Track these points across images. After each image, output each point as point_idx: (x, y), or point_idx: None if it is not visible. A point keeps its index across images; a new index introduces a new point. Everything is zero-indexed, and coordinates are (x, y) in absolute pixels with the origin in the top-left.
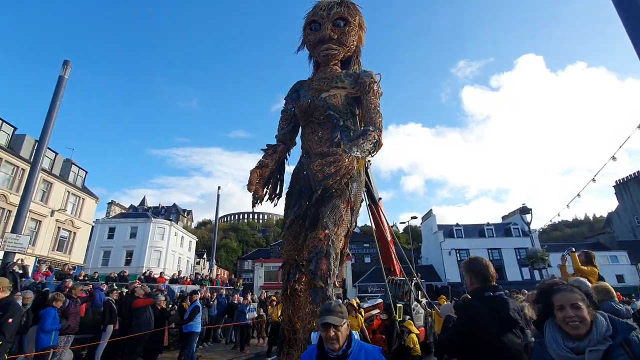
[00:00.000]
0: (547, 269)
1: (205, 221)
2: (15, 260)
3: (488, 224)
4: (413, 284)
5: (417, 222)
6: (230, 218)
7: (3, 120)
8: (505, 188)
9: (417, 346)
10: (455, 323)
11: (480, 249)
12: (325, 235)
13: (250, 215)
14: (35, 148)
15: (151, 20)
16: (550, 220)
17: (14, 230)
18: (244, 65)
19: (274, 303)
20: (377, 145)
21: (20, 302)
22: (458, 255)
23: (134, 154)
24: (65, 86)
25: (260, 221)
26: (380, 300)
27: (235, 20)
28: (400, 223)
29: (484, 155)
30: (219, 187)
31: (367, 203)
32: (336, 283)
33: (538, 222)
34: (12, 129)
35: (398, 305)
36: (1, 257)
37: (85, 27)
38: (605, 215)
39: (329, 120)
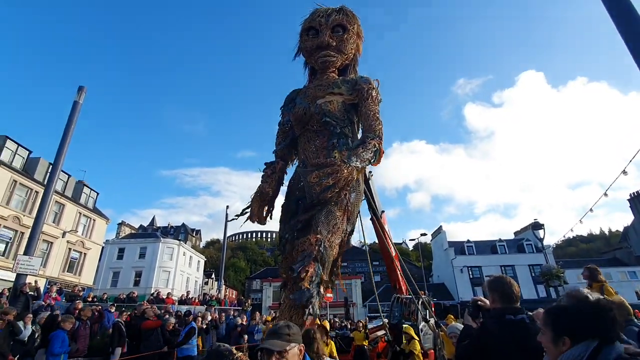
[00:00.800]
0: (563, 286)
1: (214, 240)
2: (28, 282)
3: (500, 240)
4: (420, 302)
5: (426, 239)
6: (238, 237)
7: (18, 144)
8: (514, 203)
9: (420, 354)
10: (473, 340)
11: (493, 265)
12: (317, 240)
13: (258, 234)
14: (49, 171)
15: (159, 48)
16: (564, 236)
17: (26, 252)
18: (249, 88)
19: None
20: (378, 153)
21: (30, 323)
22: (470, 272)
23: (143, 175)
24: (80, 110)
25: (269, 239)
26: (385, 321)
27: (241, 47)
28: (410, 240)
29: (490, 171)
30: (227, 207)
31: (370, 217)
32: (321, 290)
33: (551, 237)
34: (27, 152)
35: (405, 325)
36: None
37: (98, 54)
38: (621, 229)
39: (326, 127)
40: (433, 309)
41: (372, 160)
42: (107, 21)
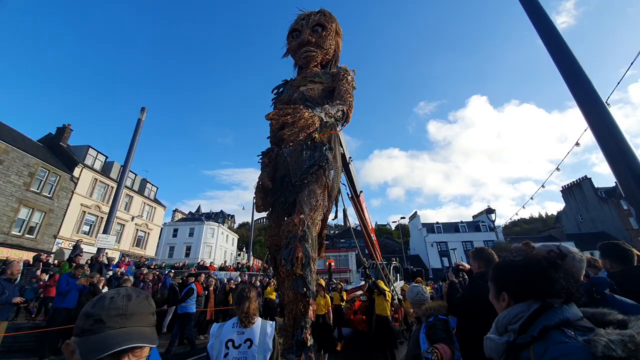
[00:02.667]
0: None
1: (244, 223)
2: (102, 254)
3: (461, 222)
4: (392, 267)
5: (405, 222)
6: (263, 220)
7: (98, 151)
8: (468, 195)
9: (389, 294)
10: (467, 294)
11: (456, 241)
12: (300, 220)
13: None
14: (120, 172)
15: (199, 76)
16: (510, 219)
17: (104, 232)
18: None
19: (272, 284)
20: (345, 116)
21: (102, 284)
22: (438, 247)
23: (191, 174)
24: (143, 126)
25: None
26: (362, 283)
27: (263, 72)
28: (392, 222)
29: (449, 171)
30: (253, 198)
31: (350, 195)
32: (312, 267)
33: (500, 220)
34: (105, 157)
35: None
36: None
37: (158, 81)
38: (555, 213)
39: None
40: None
41: (338, 119)
42: (163, 57)
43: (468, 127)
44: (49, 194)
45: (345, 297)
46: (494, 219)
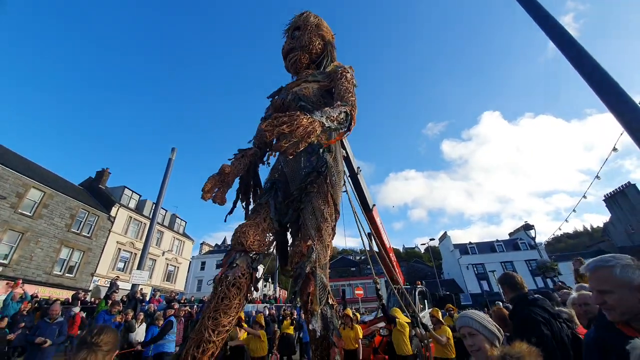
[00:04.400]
0: (558, 277)
1: (269, 252)
2: (137, 290)
3: (497, 241)
4: (417, 292)
5: (434, 243)
6: None
7: (133, 191)
8: (495, 212)
9: (406, 330)
10: (519, 322)
11: (494, 262)
12: (309, 248)
13: None
14: (153, 209)
15: (225, 112)
16: (553, 234)
17: (138, 267)
18: None
19: (288, 316)
20: (349, 118)
21: (140, 319)
22: (475, 269)
23: (216, 209)
24: (173, 165)
25: None
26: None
27: None
28: (421, 244)
29: (471, 189)
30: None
31: (361, 210)
32: (330, 299)
33: (539, 236)
34: (139, 196)
35: (393, 308)
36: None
37: (186, 123)
38: (601, 225)
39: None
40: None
41: (341, 123)
42: (192, 99)
43: (484, 144)
44: (88, 233)
45: (361, 331)
46: (533, 236)
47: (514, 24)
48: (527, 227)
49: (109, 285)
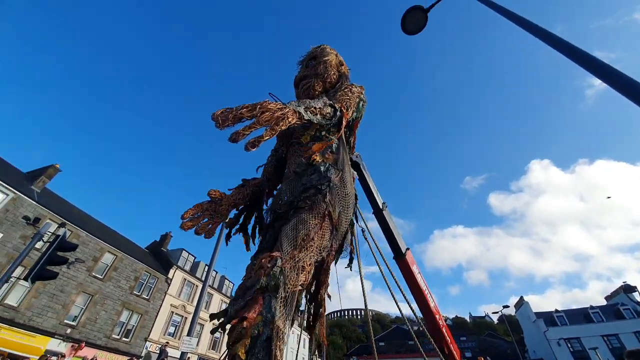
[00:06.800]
0: None
1: None
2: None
3: (592, 307)
4: None
5: (510, 312)
6: (334, 315)
7: (189, 253)
8: (575, 272)
9: None
10: None
11: (594, 336)
12: (271, 260)
13: (350, 312)
14: (205, 270)
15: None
16: None
17: (188, 334)
18: None
19: None
20: (337, 115)
21: None
22: (569, 345)
23: None
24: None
25: (359, 317)
26: None
27: None
28: (493, 313)
29: (536, 245)
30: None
31: (393, 256)
32: (277, 353)
33: None
34: (193, 257)
35: None
36: (178, 356)
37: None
38: None
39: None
40: None
41: (327, 118)
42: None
43: (539, 195)
44: (147, 296)
45: None
46: (638, 300)
47: (547, 72)
48: (628, 288)
49: (158, 352)
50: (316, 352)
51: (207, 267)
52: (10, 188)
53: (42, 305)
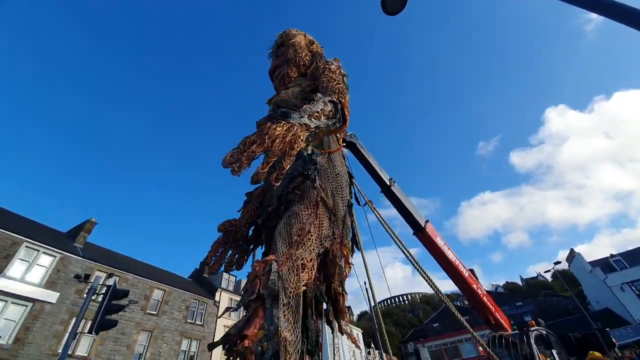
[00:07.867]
0: None
1: (363, 312)
2: None
3: None
4: (533, 336)
5: (564, 267)
6: (381, 305)
7: (230, 274)
8: (618, 212)
9: None
10: None
11: None
12: (265, 265)
13: (397, 298)
14: None
15: None
16: None
17: None
18: None
19: None
20: (339, 108)
21: None
22: (634, 289)
23: None
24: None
25: (407, 302)
26: None
27: None
28: (545, 272)
29: (571, 195)
30: (364, 282)
31: (413, 232)
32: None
33: None
34: (234, 277)
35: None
36: None
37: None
38: None
39: None
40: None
41: (331, 117)
42: None
43: (562, 142)
44: (200, 322)
45: None
46: None
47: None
48: None
49: None
50: (371, 344)
51: None
52: (57, 249)
53: (109, 350)
